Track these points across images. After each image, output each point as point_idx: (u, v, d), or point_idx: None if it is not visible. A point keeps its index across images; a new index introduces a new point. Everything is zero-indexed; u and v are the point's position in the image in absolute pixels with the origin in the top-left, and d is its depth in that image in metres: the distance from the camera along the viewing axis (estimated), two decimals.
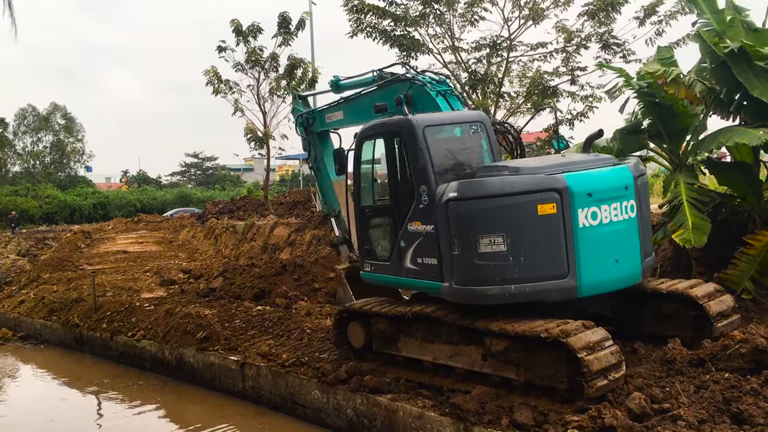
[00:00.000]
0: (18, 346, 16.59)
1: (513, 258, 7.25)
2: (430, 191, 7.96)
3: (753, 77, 9.78)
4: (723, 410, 6.30)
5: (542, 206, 7.22)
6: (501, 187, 7.33)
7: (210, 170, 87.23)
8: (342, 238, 12.72)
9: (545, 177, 7.39)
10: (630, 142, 11.42)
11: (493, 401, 7.22)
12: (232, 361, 10.92)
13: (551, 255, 7.28)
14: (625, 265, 7.76)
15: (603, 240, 7.49)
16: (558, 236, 7.25)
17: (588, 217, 7.35)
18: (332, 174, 12.73)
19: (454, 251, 7.56)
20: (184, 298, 15.48)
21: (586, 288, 7.40)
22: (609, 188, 7.63)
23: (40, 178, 69.63)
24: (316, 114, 12.66)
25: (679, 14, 18.23)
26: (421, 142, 8.09)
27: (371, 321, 9.10)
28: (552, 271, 7.28)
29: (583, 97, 20.04)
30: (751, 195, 10.36)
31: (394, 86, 10.18)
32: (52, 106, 73.92)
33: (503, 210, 7.29)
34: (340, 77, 12.85)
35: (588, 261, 7.35)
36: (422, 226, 8.08)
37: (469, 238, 7.39)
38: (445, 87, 9.81)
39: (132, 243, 27.69)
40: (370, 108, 10.50)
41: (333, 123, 12.26)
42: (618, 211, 7.64)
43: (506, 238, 7.24)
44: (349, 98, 11.65)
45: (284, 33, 26.89)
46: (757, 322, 8.51)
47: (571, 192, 7.25)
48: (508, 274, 7.26)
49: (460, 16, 19.65)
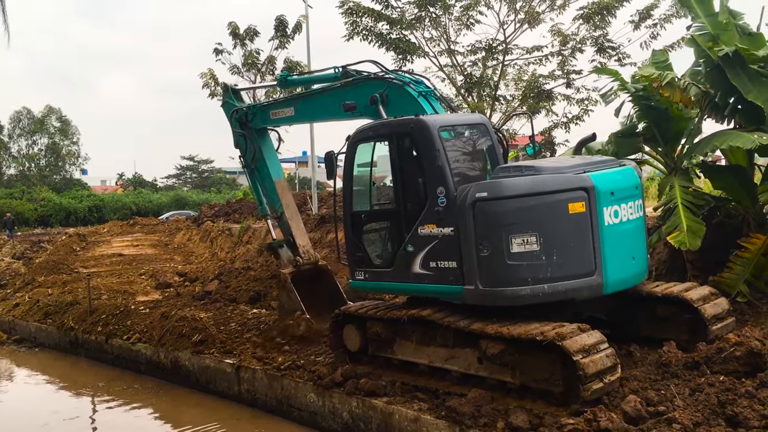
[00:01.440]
0: (13, 349, 16.53)
1: (545, 257, 7.26)
2: (449, 193, 7.81)
3: (747, 81, 9.81)
4: (718, 413, 6.32)
5: (573, 205, 7.30)
6: (533, 187, 7.34)
7: (206, 173, 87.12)
8: (282, 241, 12.37)
9: (574, 176, 7.47)
10: (625, 145, 11.45)
11: (488, 404, 7.22)
12: (228, 365, 10.89)
13: (581, 253, 7.35)
14: (639, 263, 7.98)
15: (623, 238, 7.66)
16: (587, 234, 7.34)
17: (611, 215, 7.48)
18: (274, 173, 12.30)
19: (483, 252, 7.43)
20: (180, 301, 15.45)
21: (612, 285, 7.52)
22: (626, 187, 7.83)
23: (35, 180, 69.43)
24: (257, 110, 12.09)
25: (674, 18, 18.28)
26: (437, 143, 7.94)
27: (367, 324, 9.08)
28: (581, 270, 7.36)
29: (579, 101, 20.08)
30: (746, 198, 10.39)
31: (363, 84, 9.80)
32: (47, 109, 73.74)
33: (536, 209, 7.30)
34: (290, 73, 12.35)
35: (612, 258, 7.46)
36: (437, 228, 7.91)
37: (499, 238, 7.32)
38: (425, 88, 9.51)
39: (127, 246, 27.62)
40: (332, 106, 10.16)
41: (280, 120, 11.71)
42: (633, 209, 7.85)
43: (539, 237, 7.24)
44: (305, 95, 11.12)
45: (281, 36, 26.93)
46: (752, 325, 8.53)
47: (597, 190, 7.35)
48: (541, 273, 7.27)
49: (455, 19, 19.67)
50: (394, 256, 8.54)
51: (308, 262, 12.29)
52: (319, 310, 11.78)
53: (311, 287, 12.12)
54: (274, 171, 12.41)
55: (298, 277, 12.00)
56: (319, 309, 11.82)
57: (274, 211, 12.48)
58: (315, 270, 12.41)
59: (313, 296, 12.01)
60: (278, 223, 12.55)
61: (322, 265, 12.73)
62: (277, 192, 12.27)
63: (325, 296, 12.21)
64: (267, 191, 12.51)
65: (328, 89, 10.62)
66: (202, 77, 27.03)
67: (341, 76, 10.57)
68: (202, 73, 27.06)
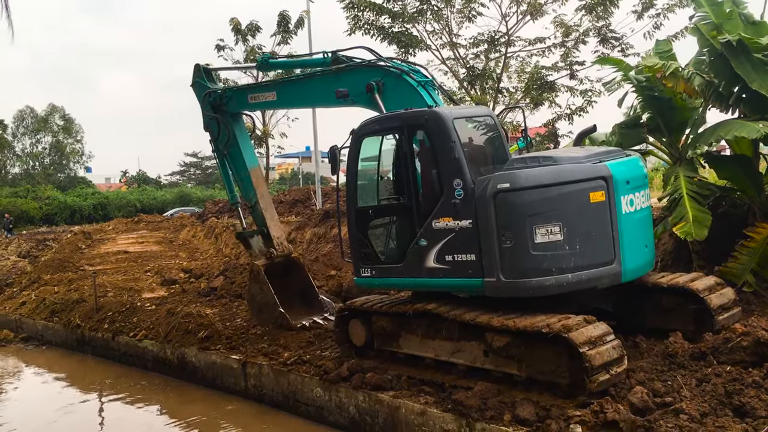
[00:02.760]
0: (20, 347, 16.60)
1: (569, 246, 7.29)
2: (466, 185, 7.73)
3: (751, 70, 9.76)
4: (725, 403, 6.31)
5: (594, 194, 7.36)
6: (556, 176, 7.36)
7: (209, 169, 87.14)
8: (253, 231, 12.10)
9: (594, 165, 7.53)
10: (629, 136, 11.41)
11: (495, 397, 7.22)
12: (234, 360, 10.92)
13: (602, 242, 7.42)
14: (650, 251, 8.11)
15: (637, 226, 7.77)
16: (606, 223, 7.41)
17: (628, 203, 7.57)
18: (248, 161, 11.93)
19: (505, 244, 7.39)
20: (186, 297, 15.50)
21: (629, 273, 7.62)
22: (637, 176, 7.93)
23: (40, 179, 69.63)
24: (234, 92, 11.61)
25: (677, 7, 18.17)
26: (453, 134, 7.86)
27: (372, 318, 9.09)
28: (602, 258, 7.43)
29: (582, 92, 20.00)
30: (751, 188, 10.35)
31: (358, 72, 9.59)
32: (50, 108, 73.96)
33: (559, 199, 7.32)
34: (273, 54, 11.81)
35: (629, 246, 7.56)
36: (454, 221, 7.83)
37: (523, 229, 7.30)
38: (424, 77, 9.34)
39: (132, 243, 27.70)
40: (321, 91, 9.92)
41: (259, 104, 11.32)
42: (644, 198, 7.96)
43: (563, 227, 7.26)
44: (290, 79, 10.77)
45: (283, 32, 26.88)
46: (759, 314, 8.51)
47: (615, 180, 7.43)
48: (565, 263, 7.29)
49: (457, 12, 19.59)
50: (404, 252, 8.43)
51: (281, 254, 12.08)
52: (291, 304, 11.76)
53: (283, 280, 11.98)
54: (249, 158, 12.02)
55: (271, 270, 11.82)
56: (291, 302, 11.79)
57: (248, 201, 12.12)
58: (287, 262, 12.25)
59: (285, 289, 11.88)
60: (252, 213, 12.22)
61: (295, 257, 12.54)
62: (252, 181, 11.93)
63: (296, 289, 12.15)
64: (241, 179, 12.11)
65: (318, 74, 10.32)
66: None
67: (330, 62, 10.28)
68: None
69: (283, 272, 12.15)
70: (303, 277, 12.40)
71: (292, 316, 11.54)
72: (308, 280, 12.40)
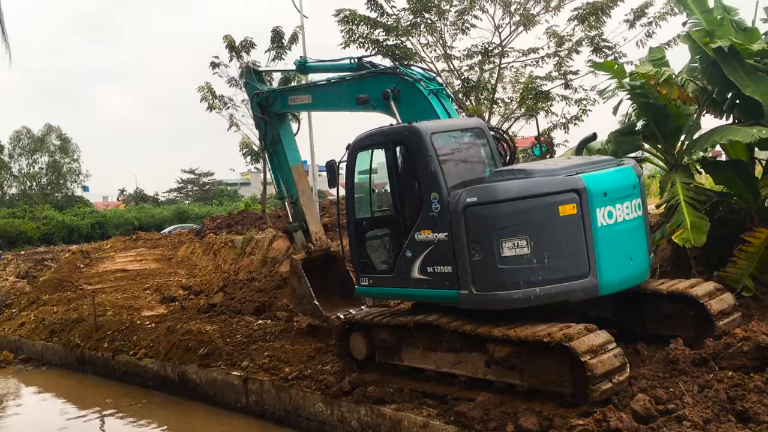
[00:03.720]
0: (20, 368, 16.53)
1: (537, 260, 7.28)
2: (442, 198, 7.86)
3: (744, 76, 9.82)
4: (728, 409, 6.30)
5: (563, 207, 7.30)
6: (523, 190, 7.36)
7: (207, 186, 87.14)
8: (297, 226, 12.42)
9: (564, 178, 7.47)
10: (625, 143, 11.44)
11: (497, 408, 7.20)
12: (235, 376, 10.89)
13: (573, 255, 7.35)
14: (638, 263, 7.93)
15: (618, 238, 7.63)
16: (579, 236, 7.34)
17: (605, 216, 7.48)
18: (291, 158, 12.33)
19: (475, 257, 7.48)
20: (185, 314, 15.45)
21: (607, 286, 7.50)
22: (621, 187, 7.81)
23: (37, 199, 69.46)
24: (277, 94, 12.14)
25: (669, 15, 18.29)
26: (430, 149, 8.00)
27: (373, 332, 9.09)
28: (574, 271, 7.36)
29: (577, 101, 20.08)
30: (748, 192, 10.38)
31: (377, 78, 9.82)
32: (46, 128, 73.87)
33: (526, 212, 7.32)
34: (308, 59, 12.40)
35: (607, 259, 7.45)
36: (433, 234, 7.96)
37: (491, 242, 7.35)
38: (436, 86, 9.56)
39: (131, 261, 27.61)
40: (346, 96, 10.17)
41: (297, 106, 11.76)
42: (630, 209, 7.82)
43: (530, 240, 7.26)
44: (321, 83, 11.19)
45: (277, 47, 26.95)
46: (759, 319, 8.50)
47: (589, 192, 7.36)
48: (533, 276, 7.28)
49: (451, 24, 19.69)
50: (394, 262, 8.59)
51: (319, 249, 12.36)
52: (329, 296, 11.93)
53: (322, 273, 12.20)
54: (291, 156, 12.46)
55: (310, 264, 12.07)
56: (329, 295, 11.97)
57: (290, 196, 12.55)
58: (326, 256, 12.46)
59: (324, 282, 12.10)
60: (293, 208, 12.63)
61: (334, 251, 12.65)
62: (293, 177, 12.34)
63: (335, 282, 12.29)
64: (284, 176, 12.58)
65: (343, 80, 10.70)
66: (200, 91, 27.04)
67: (356, 67, 10.64)
68: (199, 87, 27.05)
69: (322, 266, 12.38)
70: (342, 271, 12.50)
71: (329, 308, 11.73)
72: (347, 273, 12.48)
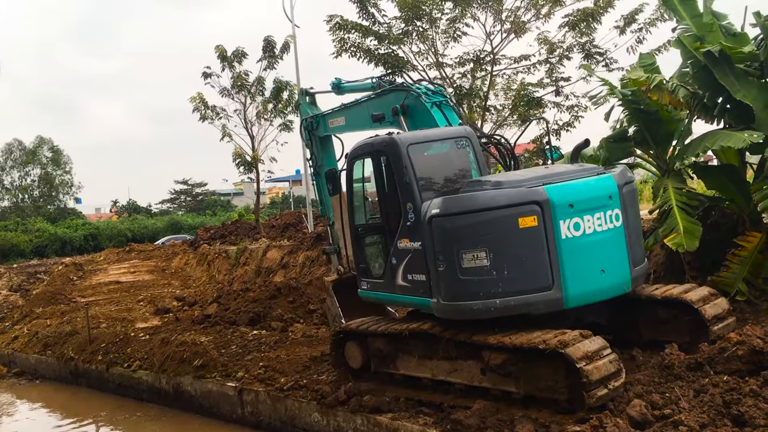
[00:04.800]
0: (13, 382, 16.41)
1: (496, 272, 7.30)
2: (416, 208, 8.01)
3: (735, 80, 9.87)
4: (723, 413, 6.30)
5: (523, 219, 7.26)
6: (482, 202, 7.39)
7: (200, 196, 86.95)
8: (333, 248, 12.69)
9: (525, 190, 7.41)
10: (617, 149, 11.48)
11: (493, 416, 7.19)
12: (230, 387, 10.84)
13: (535, 267, 7.31)
14: (613, 275, 7.75)
15: (587, 250, 7.50)
16: (540, 248, 7.28)
17: (570, 228, 7.38)
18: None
19: (440, 267, 7.62)
20: (179, 326, 15.39)
21: (573, 299, 7.42)
22: (591, 198, 7.62)
23: (29, 212, 69.19)
24: (320, 118, 12.46)
25: (659, 21, 18.42)
26: (405, 160, 8.17)
27: (368, 340, 9.08)
28: (536, 284, 7.32)
29: (569, 107, 20.17)
30: (740, 197, 10.42)
31: (390, 95, 10.10)
32: (38, 140, 73.67)
33: (485, 224, 7.34)
34: (342, 79, 12.75)
35: (573, 272, 7.37)
36: (410, 243, 8.15)
37: (452, 253, 7.45)
38: (440, 98, 9.72)
39: (124, 273, 27.54)
40: (367, 116, 10.48)
41: (335, 128, 12.08)
42: (602, 220, 7.62)
43: (489, 252, 7.30)
44: (349, 105, 11.56)
45: (269, 57, 26.98)
46: (753, 323, 8.52)
47: (552, 204, 7.29)
48: (492, 288, 7.31)
49: (442, 32, 19.78)
50: (384, 268, 8.78)
51: (350, 271, 12.33)
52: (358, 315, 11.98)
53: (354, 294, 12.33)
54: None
55: (342, 285, 12.19)
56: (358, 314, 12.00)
57: (328, 219, 12.84)
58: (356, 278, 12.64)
59: (353, 302, 12.11)
60: (329, 230, 12.94)
61: None
62: (332, 202, 12.44)
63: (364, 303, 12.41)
64: (325, 198, 12.79)
65: (363, 100, 10.99)
66: (192, 101, 27.04)
67: (376, 86, 10.92)
68: (191, 97, 27.06)
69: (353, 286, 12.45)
70: None
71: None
72: None
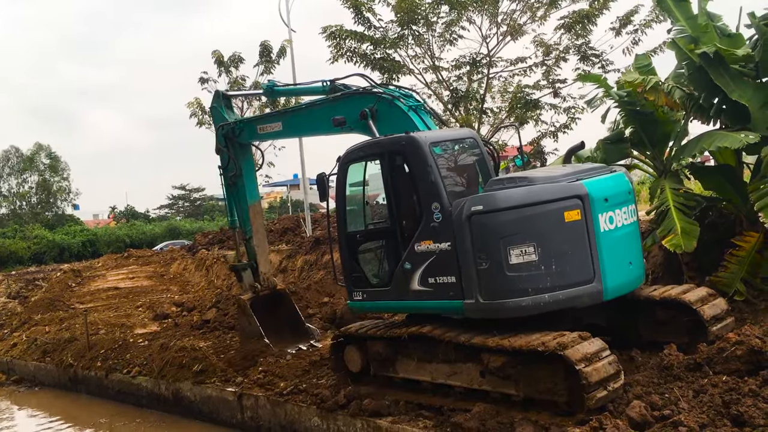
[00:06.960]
0: (12, 389, 16.39)
1: (545, 267, 7.28)
2: (444, 208, 7.84)
3: (730, 81, 9.90)
4: (723, 413, 6.31)
5: (569, 213, 7.34)
6: (528, 197, 7.38)
7: (198, 201, 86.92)
8: (246, 264, 12.51)
9: (568, 184, 7.51)
10: (614, 151, 11.51)
11: (493, 418, 7.20)
12: (230, 393, 10.83)
13: (579, 261, 7.39)
14: (636, 267, 8.05)
15: (619, 243, 7.70)
16: (583, 242, 7.38)
17: (606, 221, 7.53)
18: (249, 195, 12.32)
19: (481, 266, 7.43)
20: (178, 331, 15.38)
21: (611, 291, 7.56)
22: (618, 193, 7.88)
23: (27, 218, 69.11)
24: (245, 124, 11.91)
25: (654, 23, 18.46)
26: (429, 159, 8.00)
27: (367, 344, 9.06)
28: (580, 277, 7.39)
29: (566, 109, 20.20)
30: (737, 197, 10.44)
31: (352, 99, 9.80)
32: (36, 147, 73.59)
33: (532, 219, 7.33)
34: (277, 82, 12.19)
35: (610, 264, 7.50)
36: (434, 244, 7.92)
37: (498, 250, 7.33)
38: (415, 102, 9.53)
39: (123, 279, 27.48)
40: (321, 120, 10.15)
41: (267, 135, 11.64)
42: (627, 215, 7.90)
43: (537, 247, 7.26)
44: (293, 109, 11.22)
45: (266, 62, 27.01)
46: (751, 323, 8.53)
47: (591, 198, 7.41)
48: (541, 283, 7.29)
49: (439, 35, 19.79)
50: (391, 275, 8.53)
51: (266, 288, 12.57)
52: (279, 334, 12.20)
53: (271, 311, 12.45)
54: (250, 193, 12.44)
55: (259, 302, 12.25)
56: (279, 332, 12.23)
57: (243, 234, 12.55)
58: (274, 295, 12.71)
59: (273, 320, 12.35)
60: (245, 245, 12.67)
61: (281, 289, 12.99)
62: (249, 215, 12.36)
63: (284, 320, 12.59)
64: (241, 211, 12.55)
65: (317, 103, 10.59)
66: (189, 107, 27.04)
67: (329, 90, 10.57)
68: (189, 103, 27.06)
69: (271, 304, 12.59)
70: (290, 308, 12.85)
71: (280, 345, 11.90)
72: (295, 310, 12.88)
